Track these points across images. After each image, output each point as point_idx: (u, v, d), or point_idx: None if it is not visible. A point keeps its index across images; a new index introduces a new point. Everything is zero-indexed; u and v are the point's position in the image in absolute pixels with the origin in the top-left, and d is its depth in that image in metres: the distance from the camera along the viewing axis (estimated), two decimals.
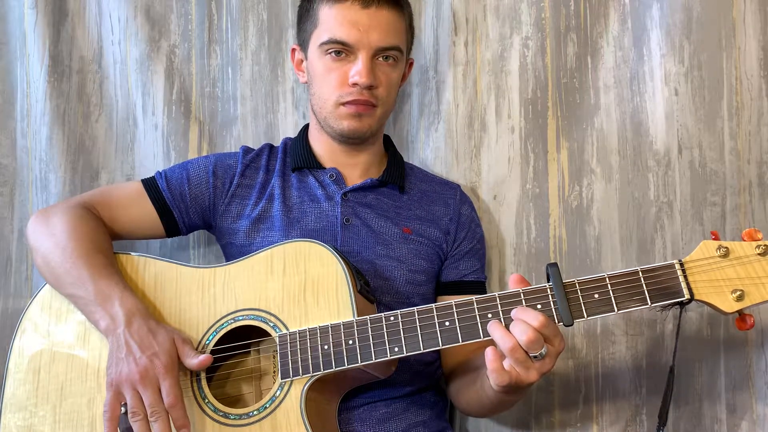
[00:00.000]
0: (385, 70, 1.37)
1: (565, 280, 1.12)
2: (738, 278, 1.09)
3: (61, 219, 1.30)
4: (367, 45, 1.34)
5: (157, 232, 1.41)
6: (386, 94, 1.39)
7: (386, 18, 1.36)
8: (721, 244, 1.10)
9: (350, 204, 1.40)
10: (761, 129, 1.54)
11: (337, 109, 1.37)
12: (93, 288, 1.21)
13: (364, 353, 1.15)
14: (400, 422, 1.31)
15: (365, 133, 1.39)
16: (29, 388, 1.25)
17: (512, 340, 1.07)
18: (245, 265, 1.26)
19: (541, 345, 1.06)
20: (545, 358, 1.08)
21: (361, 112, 1.36)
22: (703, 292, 1.10)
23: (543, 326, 1.07)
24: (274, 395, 1.17)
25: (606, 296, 1.11)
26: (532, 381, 1.09)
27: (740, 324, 1.11)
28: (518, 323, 1.08)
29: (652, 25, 1.56)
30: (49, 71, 1.62)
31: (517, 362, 1.07)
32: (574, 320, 1.10)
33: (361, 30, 1.33)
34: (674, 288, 1.10)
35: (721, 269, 1.10)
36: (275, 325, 1.20)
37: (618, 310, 1.10)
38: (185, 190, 1.40)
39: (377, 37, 1.34)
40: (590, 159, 1.57)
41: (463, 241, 1.45)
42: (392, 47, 1.37)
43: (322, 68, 1.37)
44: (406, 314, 1.15)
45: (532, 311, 1.08)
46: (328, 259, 1.21)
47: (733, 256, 1.10)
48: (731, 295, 1.08)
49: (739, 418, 1.49)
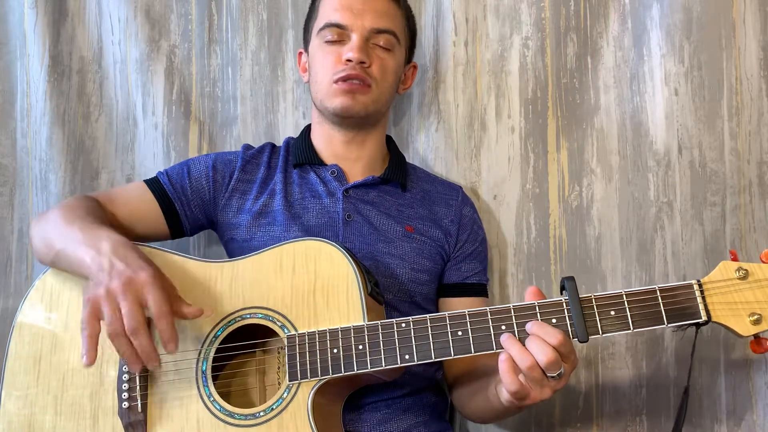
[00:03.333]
0: (380, 53, 1.40)
1: (581, 295, 1.10)
2: (756, 301, 1.08)
3: (55, 207, 1.30)
4: (360, 26, 1.38)
5: (161, 228, 1.40)
6: (380, 74, 1.40)
7: (380, 3, 1.42)
8: (740, 266, 1.09)
9: (352, 200, 1.40)
10: (761, 129, 1.54)
11: (331, 87, 1.39)
12: (81, 234, 1.17)
13: (373, 359, 1.14)
14: (401, 422, 1.31)
15: (359, 112, 1.39)
16: (30, 376, 1.24)
17: (530, 359, 1.05)
18: (254, 261, 1.24)
19: (559, 365, 1.05)
20: (561, 378, 1.07)
21: (355, 90, 1.37)
22: (720, 315, 1.08)
23: (561, 344, 1.05)
24: (281, 397, 1.15)
25: (622, 314, 1.09)
26: (545, 398, 1.07)
27: (755, 347, 1.09)
28: (535, 340, 1.06)
29: (652, 25, 1.56)
30: (49, 71, 1.62)
31: (533, 381, 1.06)
32: (590, 336, 1.08)
33: (354, 12, 1.39)
34: (691, 309, 1.08)
35: (739, 291, 1.09)
36: (283, 325, 1.19)
37: (634, 329, 1.08)
38: (186, 183, 1.40)
39: (370, 19, 1.39)
40: (590, 159, 1.57)
41: (465, 243, 1.45)
42: (385, 29, 1.40)
43: (320, 54, 1.41)
44: (418, 321, 1.14)
45: (549, 327, 1.07)
46: (339, 260, 1.20)
47: (752, 279, 1.09)
48: (748, 318, 1.07)
49: (739, 419, 1.49)
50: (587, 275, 1.54)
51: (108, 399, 1.21)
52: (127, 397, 1.19)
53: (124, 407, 1.19)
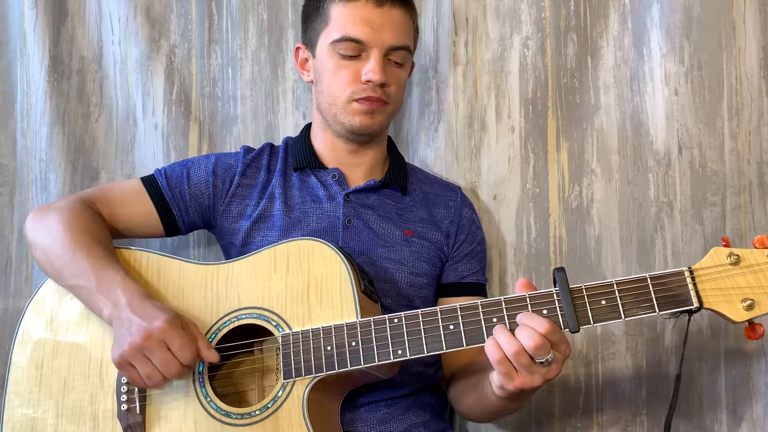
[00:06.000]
0: (395, 70, 1.38)
1: (572, 286, 1.10)
2: (749, 287, 1.06)
3: (59, 214, 1.29)
4: (380, 43, 1.34)
5: (157, 230, 1.40)
6: (396, 92, 1.39)
7: (398, 17, 1.37)
8: (732, 252, 1.08)
9: (352, 205, 1.40)
10: (761, 129, 1.54)
11: (349, 105, 1.36)
12: (94, 278, 1.20)
13: (367, 355, 1.14)
14: (401, 422, 1.31)
15: (375, 130, 1.40)
16: (32, 381, 1.25)
17: (517, 345, 1.06)
18: (248, 263, 1.25)
19: (547, 351, 1.05)
20: (551, 365, 1.07)
21: (374, 109, 1.36)
22: (712, 301, 1.07)
23: (549, 333, 1.06)
24: (277, 395, 1.16)
25: (613, 303, 1.09)
26: (536, 386, 1.08)
27: (749, 333, 1.08)
28: (524, 328, 1.07)
29: (652, 25, 1.56)
30: (49, 71, 1.62)
31: (521, 367, 1.06)
32: (581, 326, 1.08)
33: (374, 28, 1.33)
34: (683, 296, 1.08)
35: (731, 277, 1.07)
36: (278, 324, 1.20)
37: (625, 317, 1.08)
38: (185, 189, 1.39)
39: (390, 35, 1.35)
40: (590, 159, 1.57)
41: (463, 243, 1.45)
42: (403, 46, 1.37)
43: (333, 66, 1.36)
44: (410, 317, 1.15)
45: (538, 317, 1.07)
46: (332, 259, 1.21)
47: (744, 264, 1.07)
48: (741, 304, 1.06)
49: (739, 419, 1.49)
50: (587, 275, 1.54)
51: (107, 402, 1.22)
52: (125, 400, 1.20)
53: (123, 409, 1.19)
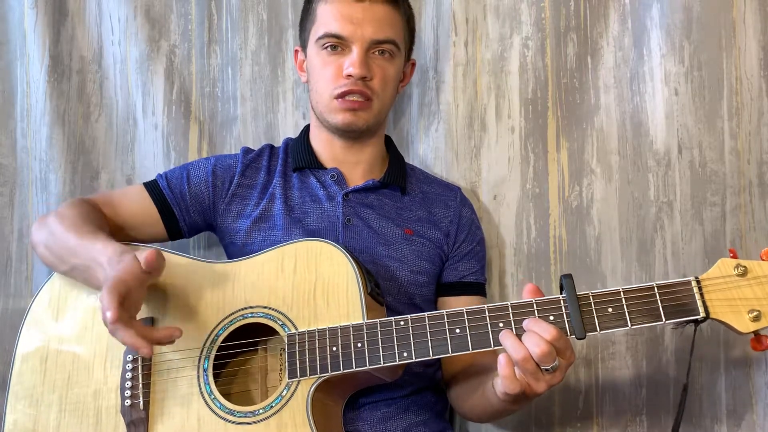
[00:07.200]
0: (380, 63, 1.38)
1: (579, 293, 1.10)
2: (755, 298, 1.07)
3: (56, 212, 1.31)
4: (361, 38, 1.35)
5: (159, 231, 1.41)
6: (381, 87, 1.39)
7: (380, 12, 1.37)
8: (739, 263, 1.08)
9: (352, 204, 1.40)
10: (761, 129, 1.54)
11: (332, 102, 1.37)
12: (84, 253, 1.20)
13: (372, 356, 1.14)
14: (401, 422, 1.31)
15: (361, 127, 1.39)
16: (36, 375, 1.25)
17: (524, 351, 1.06)
18: (256, 262, 1.25)
19: (553, 358, 1.06)
20: (555, 372, 1.08)
21: (356, 108, 1.36)
22: (719, 311, 1.08)
23: (555, 339, 1.06)
24: (281, 394, 1.16)
25: (620, 311, 1.09)
26: (540, 392, 1.08)
27: (755, 345, 1.09)
28: (531, 335, 1.07)
29: (652, 25, 1.56)
30: (49, 71, 1.62)
31: (527, 373, 1.07)
32: (587, 333, 1.09)
33: (354, 23, 1.35)
34: (690, 306, 1.08)
35: (738, 288, 1.08)
36: (284, 323, 1.20)
37: (632, 325, 1.08)
38: (185, 189, 1.40)
39: (371, 30, 1.35)
40: (590, 159, 1.57)
41: (462, 242, 1.45)
42: (386, 40, 1.37)
43: (319, 63, 1.38)
44: (416, 319, 1.15)
45: (545, 323, 1.07)
46: (340, 260, 1.21)
47: (751, 276, 1.08)
48: (747, 315, 1.07)
49: (739, 418, 1.49)
50: (587, 275, 1.54)
51: (111, 397, 1.22)
52: (129, 395, 1.20)
53: (126, 405, 1.20)
